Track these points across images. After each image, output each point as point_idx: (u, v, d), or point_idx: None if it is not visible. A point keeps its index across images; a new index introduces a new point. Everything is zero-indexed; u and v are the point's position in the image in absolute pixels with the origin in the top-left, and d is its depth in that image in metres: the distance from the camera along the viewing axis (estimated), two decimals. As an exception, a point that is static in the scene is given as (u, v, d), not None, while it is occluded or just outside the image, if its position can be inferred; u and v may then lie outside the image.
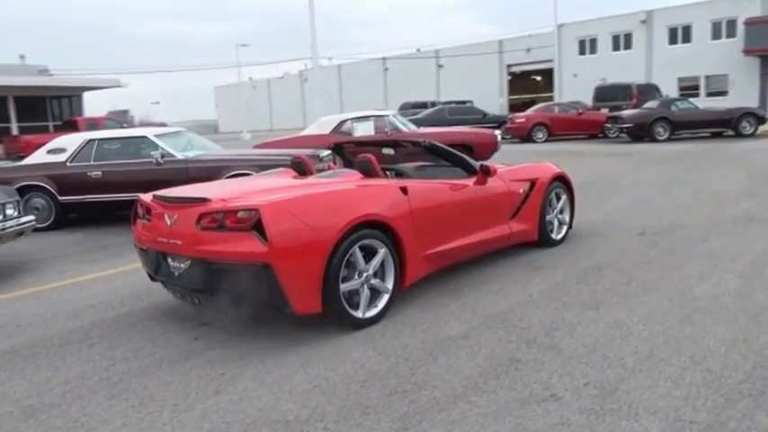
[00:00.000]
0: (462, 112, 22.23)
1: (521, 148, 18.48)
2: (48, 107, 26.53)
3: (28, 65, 29.93)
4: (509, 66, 42.94)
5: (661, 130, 17.48)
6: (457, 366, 3.31)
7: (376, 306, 4.03)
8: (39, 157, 8.81)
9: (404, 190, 4.29)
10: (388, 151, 5.67)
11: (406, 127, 11.85)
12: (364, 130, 11.76)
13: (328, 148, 6.34)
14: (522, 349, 3.48)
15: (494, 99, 41.63)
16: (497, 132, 11.99)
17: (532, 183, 5.47)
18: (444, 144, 11.31)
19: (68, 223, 8.77)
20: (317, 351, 3.63)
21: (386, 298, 4.08)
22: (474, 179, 4.95)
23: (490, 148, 11.59)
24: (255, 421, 2.87)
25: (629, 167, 12.06)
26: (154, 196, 4.17)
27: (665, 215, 6.96)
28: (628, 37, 35.26)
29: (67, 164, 8.54)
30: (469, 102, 33.73)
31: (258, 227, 3.53)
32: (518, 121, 20.54)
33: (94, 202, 8.49)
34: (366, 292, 3.94)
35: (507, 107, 41.00)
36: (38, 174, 8.55)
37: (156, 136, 8.52)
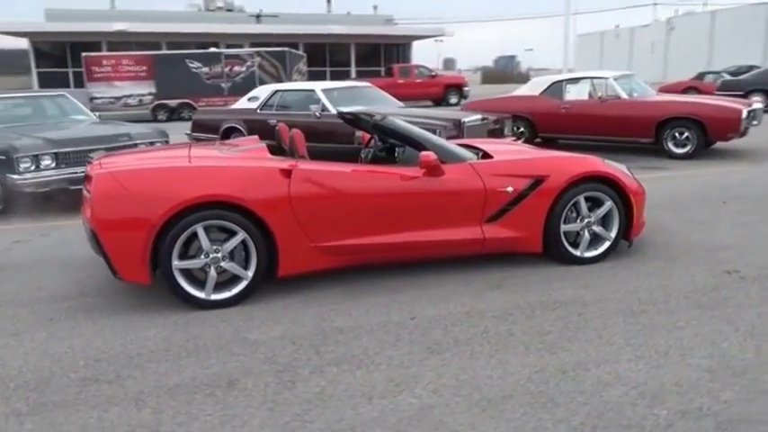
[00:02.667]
0: (801, 75, 17.19)
1: None
2: (381, 54, 29.62)
3: (377, 15, 33.63)
4: None
5: None
6: (164, 374, 3.06)
7: (230, 290, 3.87)
8: (242, 103, 10.22)
9: (287, 173, 3.90)
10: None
11: (631, 93, 9.94)
12: (577, 93, 10.34)
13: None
14: (250, 373, 3.00)
15: None
16: (751, 108, 9.18)
17: (536, 180, 4.28)
18: (669, 116, 9.34)
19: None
20: (141, 318, 3.72)
21: (243, 284, 3.87)
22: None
23: (728, 127, 8.98)
24: (-24, 367, 3.19)
25: None
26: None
27: (837, 252, 4.65)
28: None
29: (257, 111, 9.73)
30: None
31: None
32: None
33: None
34: (213, 274, 3.81)
35: None
36: (236, 118, 9.97)
37: (322, 90, 9.04)
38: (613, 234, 4.50)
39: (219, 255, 3.80)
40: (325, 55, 28.98)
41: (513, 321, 3.53)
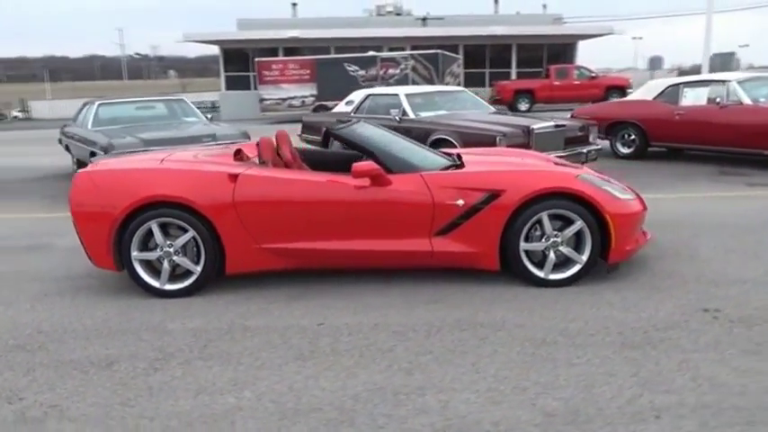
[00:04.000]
0: None
1: None
2: (544, 55, 28.63)
3: (546, 14, 32.50)
4: None
5: None
6: (71, 349, 3.48)
7: (183, 282, 4.24)
8: (341, 106, 10.68)
9: (234, 178, 4.16)
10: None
11: (757, 99, 8.66)
12: (694, 98, 9.26)
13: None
14: (134, 358, 3.30)
15: None
16: None
17: (492, 195, 4.06)
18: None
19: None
20: (109, 299, 4.23)
21: (193, 278, 4.22)
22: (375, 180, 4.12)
23: None
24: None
25: None
26: None
27: None
28: None
29: (351, 114, 10.11)
30: None
31: None
32: None
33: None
34: (166, 266, 4.20)
35: None
36: (325, 120, 10.47)
37: (405, 95, 9.14)
38: (585, 257, 4.12)
39: (172, 249, 4.18)
40: (485, 56, 28.74)
41: (409, 338, 3.45)
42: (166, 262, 4.21)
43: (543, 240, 4.13)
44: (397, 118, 8.89)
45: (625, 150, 10.18)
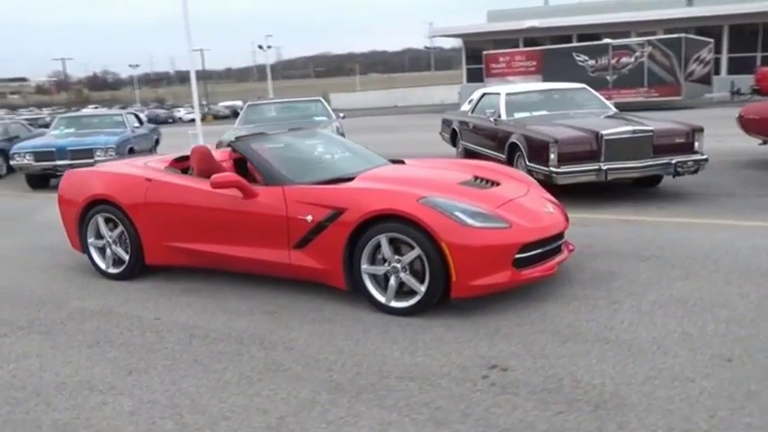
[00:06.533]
0: None
1: None
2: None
3: None
4: None
5: None
6: (-1, 312, 4.47)
7: (120, 268, 5.04)
8: (466, 105, 10.48)
9: (149, 181, 4.76)
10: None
11: None
12: None
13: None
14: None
15: None
16: None
17: (336, 212, 3.96)
18: None
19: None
20: (65, 275, 5.24)
21: (124, 265, 4.98)
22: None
23: None
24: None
25: None
26: None
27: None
28: None
29: (468, 114, 9.92)
30: None
31: None
32: None
33: (470, 150, 9.67)
34: (109, 253, 5.04)
35: None
36: (457, 119, 10.43)
37: (505, 94, 8.67)
38: (424, 288, 3.77)
39: (110, 240, 5.00)
40: (757, 38, 24.22)
41: (191, 344, 3.67)
42: (109, 250, 5.04)
43: (385, 264, 3.90)
44: (491, 119, 8.52)
45: (797, 160, 8.12)
